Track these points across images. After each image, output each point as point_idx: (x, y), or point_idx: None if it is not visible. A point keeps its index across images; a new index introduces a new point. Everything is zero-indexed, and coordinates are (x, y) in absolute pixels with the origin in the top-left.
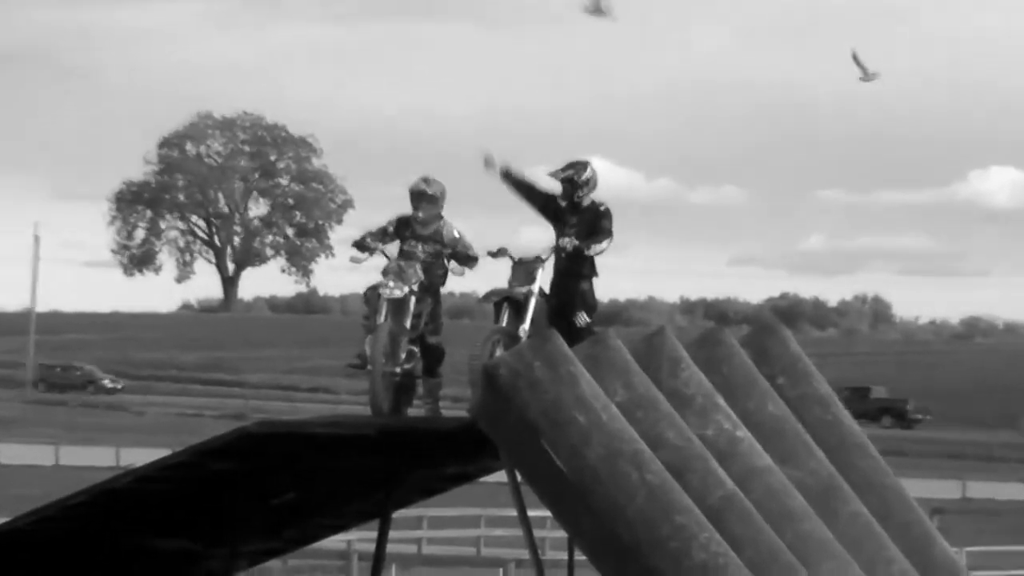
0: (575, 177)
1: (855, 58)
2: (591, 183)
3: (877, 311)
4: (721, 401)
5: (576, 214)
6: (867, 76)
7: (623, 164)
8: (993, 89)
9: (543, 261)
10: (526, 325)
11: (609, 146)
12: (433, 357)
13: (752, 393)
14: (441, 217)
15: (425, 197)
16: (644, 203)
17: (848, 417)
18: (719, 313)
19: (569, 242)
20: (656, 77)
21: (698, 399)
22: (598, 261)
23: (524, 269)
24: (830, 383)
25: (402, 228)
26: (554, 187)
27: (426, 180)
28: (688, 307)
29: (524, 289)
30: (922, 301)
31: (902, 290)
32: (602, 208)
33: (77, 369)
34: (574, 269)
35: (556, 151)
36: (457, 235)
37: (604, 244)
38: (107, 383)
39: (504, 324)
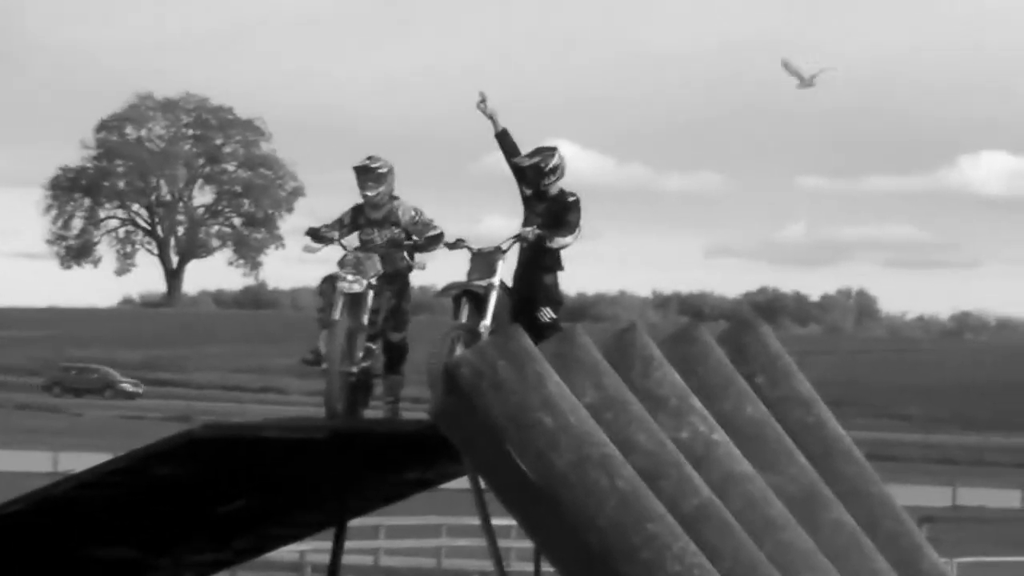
0: (542, 164)
1: (786, 67)
2: (559, 171)
3: (862, 306)
4: (696, 402)
5: (543, 202)
6: (805, 82)
7: (591, 147)
8: (985, 68)
9: (504, 252)
10: (487, 321)
11: (576, 128)
12: (396, 354)
13: (729, 394)
14: (395, 198)
15: (370, 174)
16: (614, 190)
17: (832, 420)
18: (694, 308)
19: (531, 231)
20: (625, 51)
21: (672, 400)
22: (564, 253)
23: (484, 260)
24: (812, 383)
25: (358, 216)
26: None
27: (370, 157)
28: (661, 302)
29: (484, 282)
30: (910, 295)
31: (889, 283)
32: (570, 199)
33: (93, 371)
34: (538, 260)
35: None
36: (414, 213)
37: (569, 239)
38: (128, 387)
39: (464, 320)
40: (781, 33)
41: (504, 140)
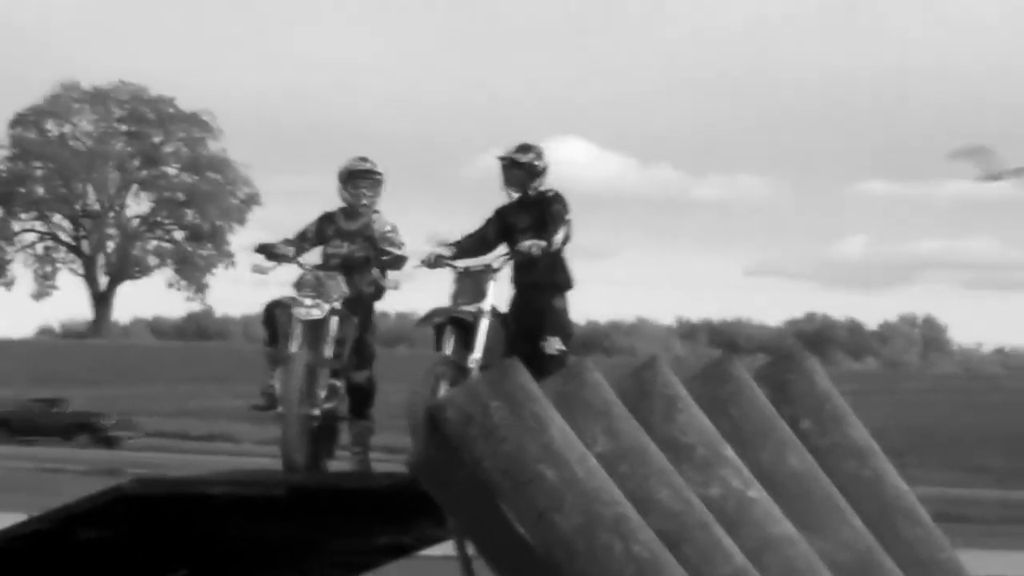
0: (536, 162)
1: (969, 156)
2: (547, 172)
3: (929, 336)
4: (729, 452)
5: (523, 210)
6: (990, 175)
7: (610, 147)
8: None
9: (495, 271)
10: (477, 354)
11: (591, 125)
12: (361, 396)
13: (769, 442)
14: (376, 211)
15: (366, 179)
16: (637, 197)
17: (892, 473)
18: (727, 339)
19: (533, 244)
20: (653, 37)
21: (699, 449)
22: (574, 271)
23: (472, 282)
24: (869, 429)
25: (325, 227)
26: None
27: (364, 159)
28: (688, 331)
29: (473, 308)
30: (987, 323)
31: (962, 309)
32: (550, 193)
33: (60, 404)
34: (543, 280)
35: (520, 132)
36: (389, 228)
37: (560, 234)
38: (112, 432)
39: (449, 353)
40: (835, 24)
41: (452, 256)
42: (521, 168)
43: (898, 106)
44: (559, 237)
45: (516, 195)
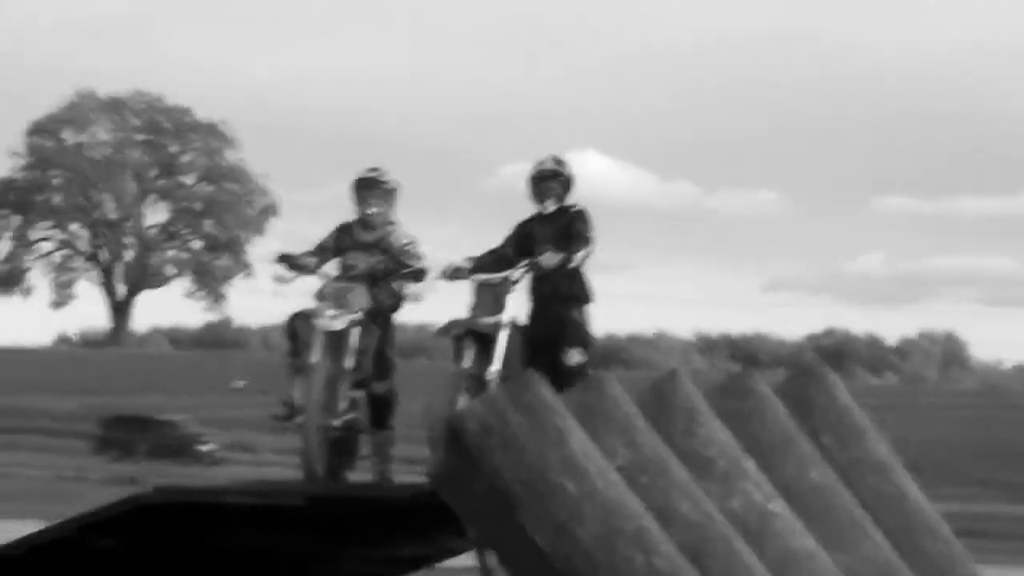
0: (566, 172)
1: None
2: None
3: (949, 352)
4: (750, 466)
5: (546, 222)
6: None
7: (629, 161)
8: None
9: (514, 283)
10: (496, 366)
11: (609, 138)
12: (382, 407)
13: (789, 456)
14: (392, 223)
15: (375, 189)
16: (655, 211)
17: (914, 488)
18: (747, 353)
19: (552, 256)
20: (670, 48)
21: (720, 463)
22: (593, 284)
23: (491, 293)
24: (890, 443)
25: (343, 237)
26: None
27: (375, 169)
28: (707, 345)
29: (492, 319)
30: (1008, 340)
31: (983, 325)
32: (574, 209)
33: (166, 425)
34: (562, 291)
35: (536, 145)
36: (407, 241)
37: (582, 252)
38: (203, 447)
39: (468, 365)
40: (856, 32)
41: (469, 272)
42: (558, 180)
43: (918, 121)
44: (580, 255)
45: (552, 208)
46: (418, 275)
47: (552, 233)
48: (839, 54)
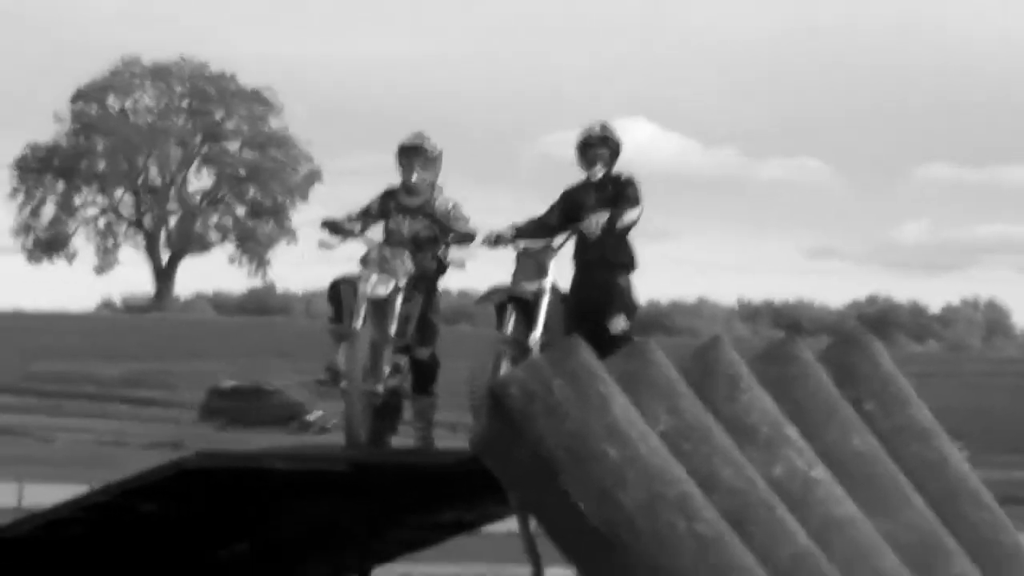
0: (613, 137)
1: None
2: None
3: (992, 319)
4: (793, 433)
5: (594, 190)
6: None
7: (672, 128)
8: None
9: (556, 250)
10: (538, 332)
11: (654, 106)
12: (425, 373)
13: (832, 423)
14: (436, 187)
15: (420, 156)
16: (699, 179)
17: (956, 455)
18: (790, 320)
19: (597, 221)
20: (714, 17)
21: (763, 429)
22: (637, 252)
23: (533, 260)
24: (933, 411)
25: (387, 202)
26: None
27: (419, 134)
28: (750, 312)
29: (534, 286)
30: None
31: None
32: (624, 176)
33: (268, 394)
34: (608, 257)
35: (584, 112)
36: (451, 206)
37: (634, 214)
38: (311, 417)
39: (510, 331)
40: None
41: (525, 230)
42: (606, 146)
43: (962, 90)
44: (629, 217)
45: (600, 175)
46: (466, 238)
47: (600, 200)
48: (887, 35)
